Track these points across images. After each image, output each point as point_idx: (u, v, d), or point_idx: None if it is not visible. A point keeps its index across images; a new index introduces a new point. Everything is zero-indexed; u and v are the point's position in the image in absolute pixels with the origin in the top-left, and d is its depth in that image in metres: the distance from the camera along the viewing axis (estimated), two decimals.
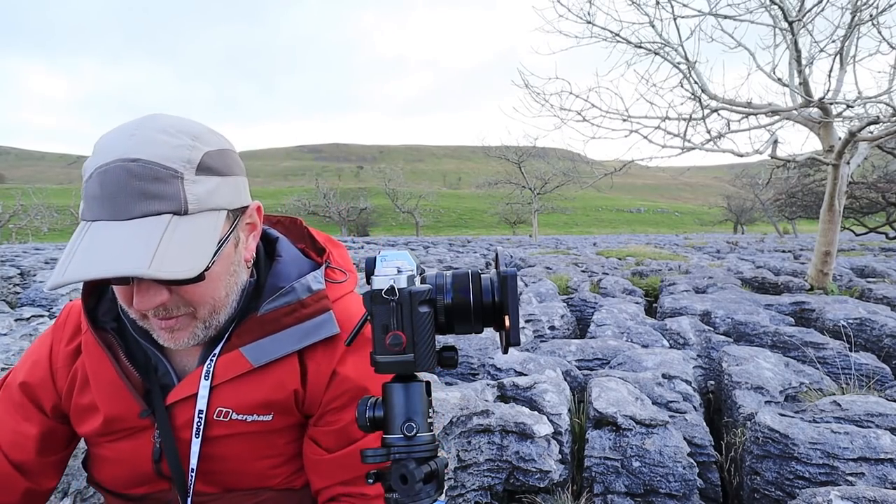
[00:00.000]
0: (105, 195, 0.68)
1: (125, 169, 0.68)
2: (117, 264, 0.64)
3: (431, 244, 25.36)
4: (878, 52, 6.26)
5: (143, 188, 0.68)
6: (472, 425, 2.14)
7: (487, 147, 33.53)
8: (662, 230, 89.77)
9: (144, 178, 0.68)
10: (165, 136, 0.71)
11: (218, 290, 0.79)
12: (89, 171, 0.70)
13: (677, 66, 6.78)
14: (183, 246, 0.68)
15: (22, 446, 0.88)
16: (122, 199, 0.68)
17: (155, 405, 0.85)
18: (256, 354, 0.84)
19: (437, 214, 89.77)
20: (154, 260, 0.65)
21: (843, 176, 6.51)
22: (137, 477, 0.89)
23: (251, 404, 0.86)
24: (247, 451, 0.88)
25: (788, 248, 17.53)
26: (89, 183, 0.70)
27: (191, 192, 0.71)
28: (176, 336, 0.79)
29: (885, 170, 17.93)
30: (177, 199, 0.70)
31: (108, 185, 0.68)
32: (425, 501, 0.60)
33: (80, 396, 0.88)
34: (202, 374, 0.84)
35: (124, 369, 0.85)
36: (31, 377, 0.90)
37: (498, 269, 0.67)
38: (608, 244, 23.09)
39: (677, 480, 2.04)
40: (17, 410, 0.89)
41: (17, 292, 7.55)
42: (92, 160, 0.71)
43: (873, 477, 1.88)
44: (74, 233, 0.70)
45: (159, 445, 0.86)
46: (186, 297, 0.76)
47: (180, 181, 0.70)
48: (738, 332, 4.10)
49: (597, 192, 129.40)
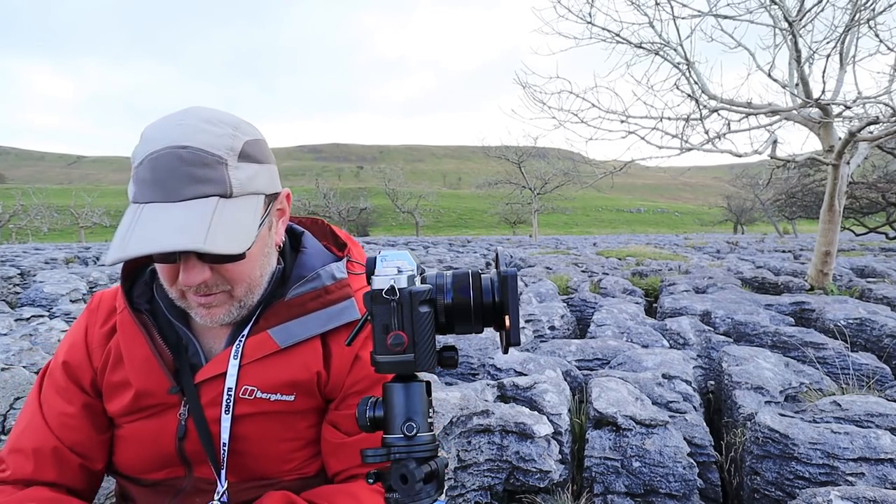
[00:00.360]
0: (157, 179, 0.73)
1: (176, 155, 0.74)
2: (177, 239, 0.70)
3: (431, 244, 25.36)
4: (877, 53, 6.26)
5: (192, 173, 0.74)
6: (472, 425, 2.14)
7: (487, 147, 33.53)
8: (662, 230, 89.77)
9: (193, 163, 0.74)
10: (210, 126, 0.77)
11: (254, 269, 0.85)
12: (140, 158, 0.76)
13: (677, 66, 6.78)
14: (229, 225, 0.74)
15: (70, 427, 0.92)
16: (174, 182, 0.73)
17: (184, 383, 0.89)
18: (283, 336, 0.90)
19: (437, 214, 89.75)
20: (208, 236, 0.70)
21: (843, 176, 6.51)
22: (158, 459, 0.92)
23: (276, 384, 0.90)
24: (269, 431, 0.91)
25: (788, 248, 17.53)
26: (140, 168, 0.75)
27: (234, 177, 0.77)
28: (213, 312, 0.84)
29: (885, 170, 17.93)
30: (222, 182, 0.76)
31: (159, 170, 0.73)
32: (425, 501, 0.60)
33: (112, 374, 0.93)
34: (231, 354, 0.89)
35: (157, 347, 0.90)
36: (70, 357, 0.95)
37: (498, 269, 0.67)
38: (608, 244, 23.08)
39: (677, 480, 2.04)
40: (61, 393, 0.94)
41: (17, 292, 7.55)
42: (141, 147, 0.76)
43: (873, 477, 1.88)
44: (126, 214, 0.75)
45: (185, 423, 0.89)
46: (227, 275, 0.82)
47: (225, 167, 0.76)
48: (738, 332, 4.10)
49: (597, 193, 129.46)
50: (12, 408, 2.37)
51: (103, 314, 0.97)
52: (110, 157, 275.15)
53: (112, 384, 0.93)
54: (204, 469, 0.92)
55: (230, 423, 0.89)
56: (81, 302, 6.26)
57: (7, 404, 2.36)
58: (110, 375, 0.93)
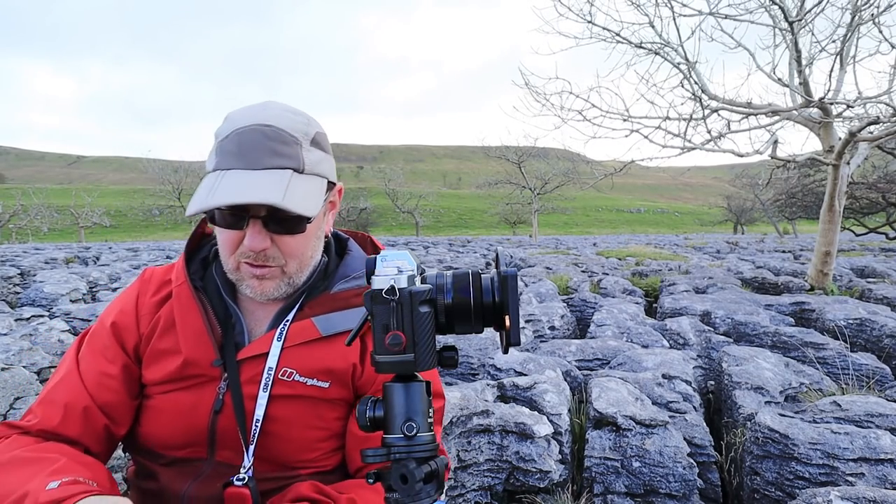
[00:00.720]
0: (242, 150, 0.84)
1: (260, 132, 0.85)
2: (259, 194, 0.80)
3: (431, 244, 25.37)
4: (878, 53, 6.26)
5: (273, 147, 0.84)
6: (472, 425, 2.14)
7: (487, 147, 33.54)
8: (662, 230, 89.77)
9: (275, 139, 0.85)
10: (289, 114, 0.89)
11: (307, 248, 0.94)
12: (226, 133, 0.86)
13: (677, 66, 6.78)
14: (300, 194, 0.84)
15: (106, 387, 0.95)
16: (256, 154, 0.83)
17: (227, 358, 0.94)
18: (325, 325, 0.97)
19: (437, 214, 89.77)
20: (286, 196, 0.81)
21: (843, 176, 6.51)
22: (187, 433, 0.95)
23: (314, 369, 0.95)
24: (300, 416, 0.95)
25: (788, 248, 17.53)
26: (226, 141, 0.86)
27: (306, 158, 0.88)
28: (264, 286, 0.92)
29: (885, 170, 17.92)
30: (297, 159, 0.86)
31: (245, 144, 0.84)
32: (425, 501, 0.60)
33: (160, 341, 0.97)
34: (275, 336, 0.95)
35: (209, 321, 0.96)
36: (119, 319, 1.00)
37: (498, 269, 0.67)
38: (608, 244, 23.08)
39: (677, 481, 2.04)
40: (103, 353, 0.98)
41: (17, 292, 7.55)
42: (227, 125, 0.88)
43: (873, 477, 1.88)
44: (206, 179, 0.84)
45: (222, 397, 0.94)
46: (284, 248, 0.90)
47: (300, 147, 0.87)
48: (738, 332, 4.10)
49: (597, 193, 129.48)
50: (12, 408, 2.37)
51: (155, 285, 1.03)
52: (110, 157, 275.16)
53: (157, 351, 0.97)
54: (227, 453, 0.95)
55: (266, 402, 0.93)
56: (81, 302, 6.26)
57: (7, 404, 2.36)
58: (157, 342, 0.97)
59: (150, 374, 0.97)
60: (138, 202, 64.13)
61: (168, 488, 0.97)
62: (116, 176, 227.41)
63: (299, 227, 0.88)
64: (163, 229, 71.60)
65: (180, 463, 0.96)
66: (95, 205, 51.19)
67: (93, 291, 7.07)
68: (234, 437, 0.93)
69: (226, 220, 0.87)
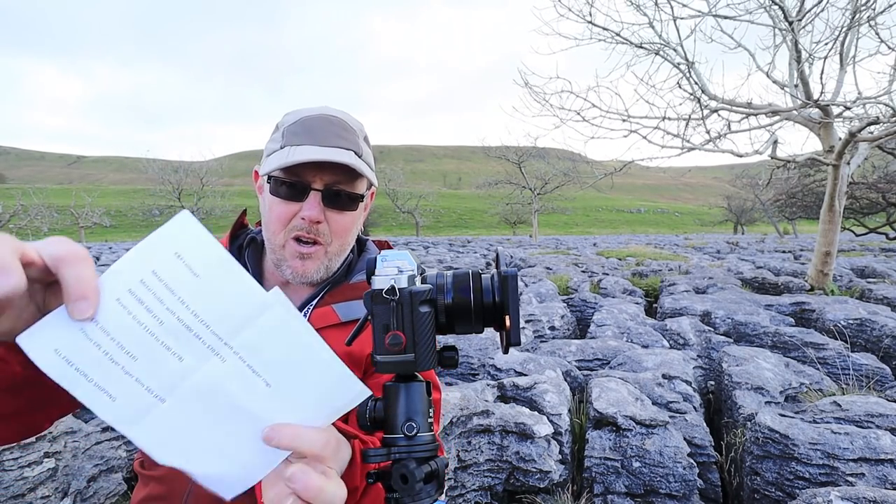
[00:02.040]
0: (311, 130, 0.94)
1: (326, 119, 0.96)
2: (336, 156, 0.90)
3: (431, 244, 25.37)
4: (877, 53, 6.26)
5: (338, 132, 0.95)
6: (473, 425, 2.14)
7: (488, 147, 33.54)
8: (662, 230, 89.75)
9: (339, 126, 0.96)
10: (346, 113, 1.01)
11: (352, 229, 1.02)
12: (293, 119, 0.96)
13: (677, 66, 6.78)
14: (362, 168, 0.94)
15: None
16: (325, 134, 0.94)
17: None
18: (345, 312, 1.02)
19: (437, 214, 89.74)
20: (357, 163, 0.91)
21: (843, 176, 6.51)
22: None
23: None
24: None
25: (788, 248, 17.53)
26: (295, 125, 0.95)
27: (363, 147, 0.98)
28: (306, 266, 0.98)
29: (885, 170, 17.92)
30: (357, 145, 0.97)
31: (313, 126, 0.94)
32: (426, 501, 0.60)
33: None
34: None
35: None
36: None
37: (498, 269, 0.67)
38: (608, 244, 23.08)
39: (677, 481, 2.04)
40: None
41: None
42: (291, 116, 0.98)
43: (873, 477, 1.88)
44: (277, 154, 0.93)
45: None
46: (334, 225, 0.98)
47: (357, 137, 0.98)
48: (738, 332, 4.10)
49: (597, 193, 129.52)
50: None
51: None
52: (110, 157, 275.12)
53: None
54: None
55: None
56: None
57: None
58: None
59: None
60: (138, 202, 64.11)
61: (176, 474, 0.97)
62: (116, 176, 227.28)
63: (352, 205, 0.97)
64: None
65: None
66: (95, 205, 51.17)
67: None
68: None
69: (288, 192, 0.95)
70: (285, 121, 0.98)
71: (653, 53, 6.85)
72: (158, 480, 1.00)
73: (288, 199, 0.96)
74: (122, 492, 2.01)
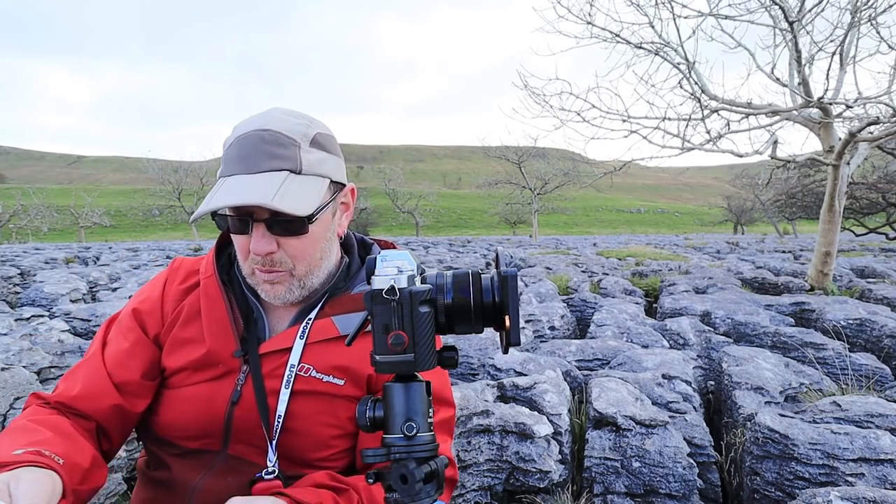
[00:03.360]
0: (241, 156, 0.88)
1: (258, 136, 0.88)
2: (249, 196, 0.83)
3: (431, 244, 25.37)
4: (877, 53, 6.26)
5: (270, 150, 0.88)
6: (472, 425, 2.14)
7: (487, 147, 33.54)
8: (662, 230, 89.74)
9: (272, 143, 0.88)
10: (289, 117, 0.92)
11: (315, 250, 0.95)
12: (230, 140, 0.91)
13: (677, 66, 6.78)
14: (295, 194, 0.86)
15: (126, 367, 0.98)
16: (254, 158, 0.87)
17: (249, 352, 0.97)
18: (345, 324, 0.99)
19: (437, 214, 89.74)
20: (275, 197, 0.83)
21: (843, 176, 6.51)
22: (203, 423, 0.96)
23: (331, 366, 0.97)
24: (315, 412, 0.97)
25: (788, 248, 17.53)
26: (229, 148, 0.90)
27: (304, 158, 0.90)
28: (276, 289, 0.94)
29: (885, 170, 17.92)
30: (294, 160, 0.88)
31: (244, 148, 0.88)
32: (425, 501, 0.60)
33: (182, 330, 1.00)
34: (297, 334, 0.97)
35: (233, 313, 0.99)
36: (142, 306, 1.04)
37: (498, 269, 0.67)
38: (608, 244, 23.09)
39: (677, 481, 2.04)
40: (125, 335, 1.01)
41: (17, 292, 7.54)
42: (232, 134, 0.92)
43: (873, 477, 1.88)
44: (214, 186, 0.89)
45: (240, 389, 0.96)
46: (289, 251, 0.92)
47: (297, 148, 0.90)
48: (738, 332, 4.10)
49: (597, 193, 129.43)
50: (12, 408, 2.37)
51: (182, 274, 1.07)
52: (110, 157, 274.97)
53: (179, 339, 0.99)
54: (240, 446, 0.96)
55: (287, 398, 0.95)
56: (81, 302, 6.26)
57: (7, 404, 2.36)
58: (179, 331, 1.00)
59: (170, 362, 0.99)
60: (138, 202, 64.13)
61: (179, 479, 0.98)
62: (116, 176, 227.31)
63: (301, 228, 0.90)
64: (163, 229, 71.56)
65: (193, 454, 0.97)
66: (95, 205, 51.17)
67: (93, 291, 7.07)
68: (249, 431, 0.95)
69: (234, 226, 0.91)
70: (227, 140, 0.92)
71: (652, 54, 6.85)
72: (162, 483, 1.00)
73: (237, 234, 0.93)
74: (122, 492, 2.01)
